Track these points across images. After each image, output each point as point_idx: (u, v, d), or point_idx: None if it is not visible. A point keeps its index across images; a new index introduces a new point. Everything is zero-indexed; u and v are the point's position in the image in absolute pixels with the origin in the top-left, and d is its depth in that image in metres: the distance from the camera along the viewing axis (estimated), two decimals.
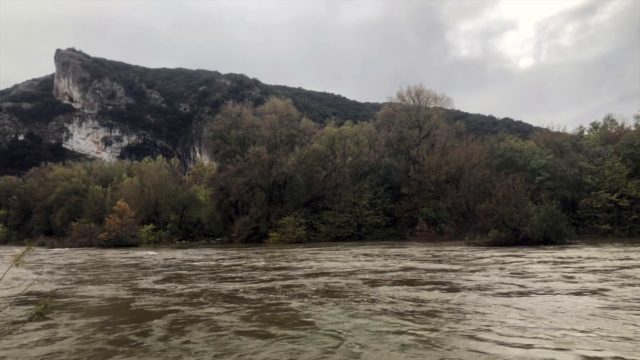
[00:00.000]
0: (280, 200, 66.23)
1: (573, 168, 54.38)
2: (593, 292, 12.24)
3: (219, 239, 73.13)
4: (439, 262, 22.83)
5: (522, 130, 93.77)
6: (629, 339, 7.48)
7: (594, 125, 68.54)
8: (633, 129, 60.28)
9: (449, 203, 53.89)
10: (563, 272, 16.90)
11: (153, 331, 9.02)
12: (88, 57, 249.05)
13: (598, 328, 8.30)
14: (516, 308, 10.30)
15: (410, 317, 9.49)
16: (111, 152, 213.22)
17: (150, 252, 42.81)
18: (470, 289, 13.35)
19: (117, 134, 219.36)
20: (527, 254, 25.72)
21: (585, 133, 67.06)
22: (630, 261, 20.26)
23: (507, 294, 12.25)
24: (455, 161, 58.11)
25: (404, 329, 8.52)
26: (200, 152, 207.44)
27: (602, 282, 14.18)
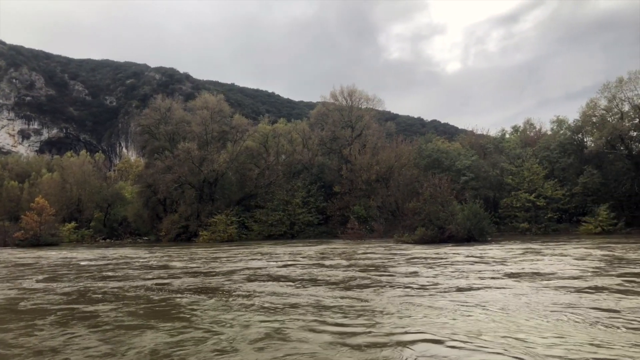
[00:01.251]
0: (211, 198, 65.09)
1: (495, 169, 57.32)
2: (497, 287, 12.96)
3: (146, 238, 70.77)
4: (349, 260, 23.32)
5: (449, 132, 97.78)
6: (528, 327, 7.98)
7: (515, 129, 72.58)
8: (549, 133, 64.45)
9: (379, 202, 55.23)
10: (464, 268, 17.78)
11: (39, 327, 8.95)
12: (4, 43, 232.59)
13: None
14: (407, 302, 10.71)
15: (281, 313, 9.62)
16: (29, 145, 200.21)
17: (54, 253, 40.69)
18: (360, 286, 13.68)
19: (36, 126, 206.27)
20: (425, 250, 26.84)
21: (507, 136, 70.90)
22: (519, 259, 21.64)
23: (405, 289, 12.70)
24: (386, 161, 59.58)
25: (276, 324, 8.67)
26: (127, 148, 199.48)
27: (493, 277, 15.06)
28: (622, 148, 52.22)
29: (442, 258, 22.42)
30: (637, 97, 51.51)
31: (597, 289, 11.70)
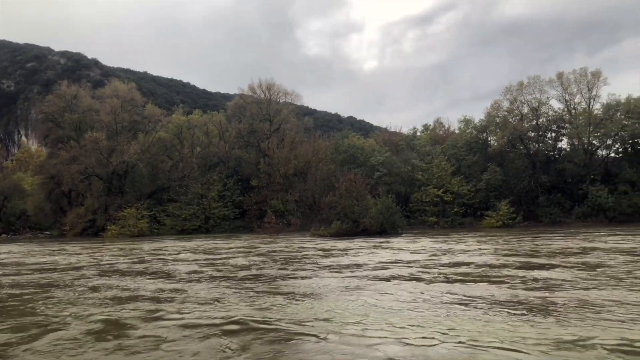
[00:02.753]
0: (120, 191, 62.10)
1: (407, 165, 59.61)
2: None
3: (48, 233, 66.23)
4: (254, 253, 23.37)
5: (364, 128, 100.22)
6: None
7: (426, 128, 75.81)
8: (457, 132, 68.04)
9: (296, 196, 55.54)
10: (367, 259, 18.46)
11: None
12: None
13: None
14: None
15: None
16: None
17: None
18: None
19: None
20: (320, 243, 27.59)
21: (418, 134, 73.92)
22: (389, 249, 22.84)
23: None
24: (304, 155, 59.97)
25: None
26: (26, 136, 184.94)
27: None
28: (521, 147, 56.28)
29: (332, 250, 22.97)
30: (535, 100, 55.77)
31: (437, 281, 12.47)
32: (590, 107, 54.07)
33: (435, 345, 6.19)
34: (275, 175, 60.11)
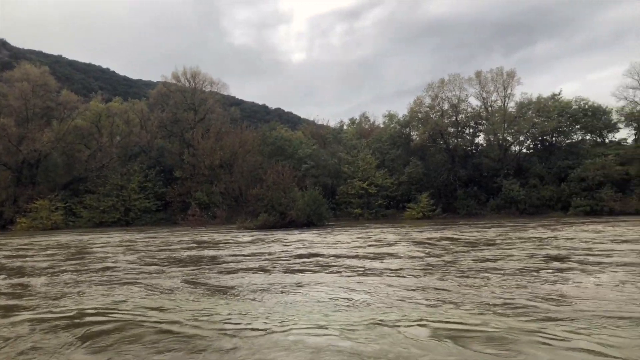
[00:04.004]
0: (32, 182, 58.05)
1: (334, 158, 60.34)
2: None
3: None
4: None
5: (292, 120, 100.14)
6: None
7: (352, 121, 77.11)
8: (382, 126, 69.78)
9: (222, 188, 54.61)
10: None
11: None
12: None
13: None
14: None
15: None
16: None
17: None
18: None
19: None
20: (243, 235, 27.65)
21: (345, 127, 75.03)
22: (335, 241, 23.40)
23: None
24: (230, 146, 58.98)
25: None
26: None
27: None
28: (441, 142, 58.62)
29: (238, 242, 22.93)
30: (455, 97, 58.24)
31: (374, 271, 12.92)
32: (505, 105, 57.30)
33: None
34: (200, 166, 58.72)
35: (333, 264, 13.73)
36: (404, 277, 10.95)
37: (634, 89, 52.38)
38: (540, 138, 56.78)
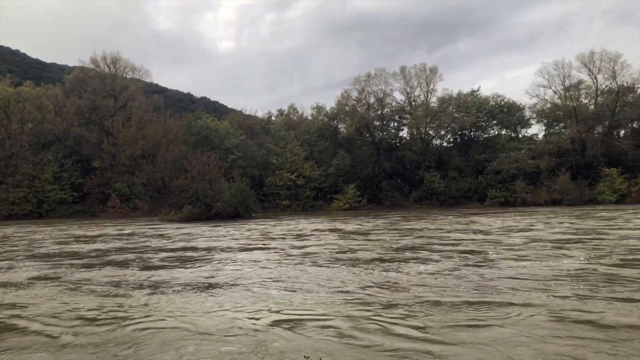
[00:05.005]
0: None
1: (262, 149, 59.89)
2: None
3: None
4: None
5: (219, 110, 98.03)
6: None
7: (280, 112, 76.68)
8: (310, 118, 70.02)
9: (144, 178, 52.61)
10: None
11: None
12: None
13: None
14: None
15: None
16: None
17: None
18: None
19: None
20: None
21: (273, 118, 74.55)
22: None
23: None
24: (153, 136, 56.90)
25: None
26: None
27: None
28: (367, 135, 59.80)
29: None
30: (380, 92, 59.48)
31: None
32: (428, 100, 59.27)
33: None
34: (121, 156, 56.16)
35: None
36: (266, 267, 11.73)
37: (544, 88, 55.93)
38: (459, 132, 59.42)
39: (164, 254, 15.20)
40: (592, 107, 54.45)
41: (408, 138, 61.87)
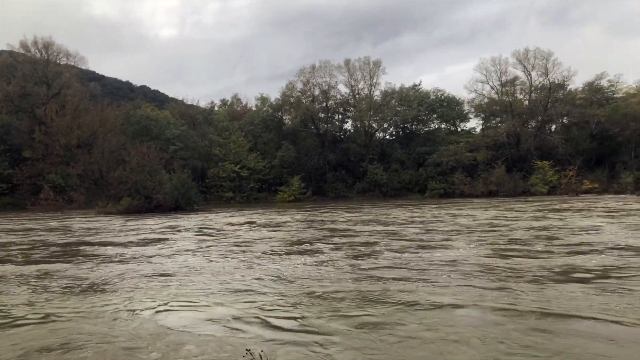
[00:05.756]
0: None
1: (204, 140, 58.77)
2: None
3: None
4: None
5: (159, 99, 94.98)
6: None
7: (224, 103, 75.53)
8: (254, 109, 69.29)
9: (80, 169, 50.40)
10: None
11: None
12: None
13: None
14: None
15: None
16: None
17: None
18: None
19: None
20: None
21: (216, 109, 73.29)
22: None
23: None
24: (89, 125, 54.53)
25: None
26: None
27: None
28: (312, 127, 59.92)
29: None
30: (325, 84, 59.72)
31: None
32: (371, 93, 60.09)
33: None
34: (54, 146, 53.44)
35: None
36: (151, 263, 11.66)
37: (482, 83, 58.03)
38: (402, 125, 60.65)
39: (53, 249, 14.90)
40: (526, 102, 57.02)
41: (352, 130, 62.52)
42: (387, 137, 62.73)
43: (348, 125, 63.54)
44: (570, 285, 7.69)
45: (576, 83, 58.30)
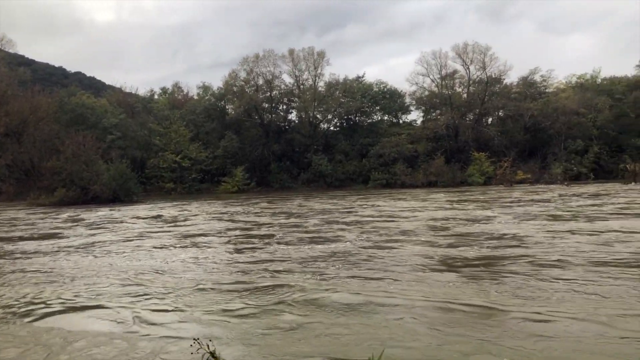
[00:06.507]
0: None
1: (143, 129, 56.96)
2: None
3: None
4: None
5: (95, 86, 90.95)
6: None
7: (164, 91, 73.40)
8: (196, 97, 67.73)
9: (9, 159, 47.55)
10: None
11: None
12: None
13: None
14: None
15: None
16: None
17: None
18: None
19: None
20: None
21: (156, 97, 71.10)
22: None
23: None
24: (18, 113, 51.39)
25: None
26: None
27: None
28: (256, 117, 59.36)
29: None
30: (269, 73, 59.21)
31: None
32: (316, 84, 60.23)
33: None
34: None
35: None
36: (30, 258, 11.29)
37: (423, 76, 59.40)
38: (345, 117, 61.19)
39: None
40: (465, 95, 58.95)
41: (297, 121, 62.41)
42: (332, 128, 63.14)
43: (292, 116, 63.46)
44: (446, 274, 7.96)
45: (511, 77, 61.05)
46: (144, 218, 22.11)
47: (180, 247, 12.29)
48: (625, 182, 38.56)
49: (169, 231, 16.11)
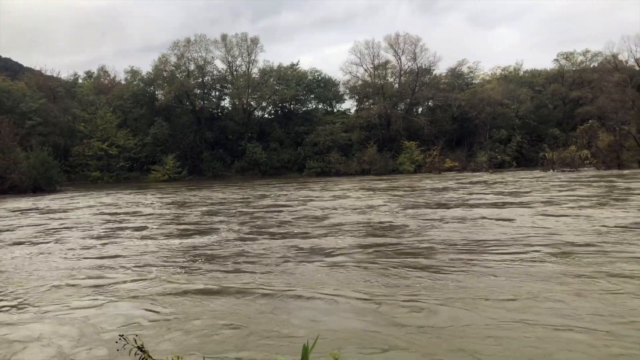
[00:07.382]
0: None
1: (67, 115, 54.07)
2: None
3: None
4: None
5: (12, 69, 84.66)
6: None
7: (89, 75, 69.65)
8: (124, 82, 64.79)
9: None
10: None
11: None
12: None
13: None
14: None
15: None
16: None
17: None
18: None
19: None
20: None
21: (80, 81, 67.43)
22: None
23: None
24: None
25: None
26: None
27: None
28: (187, 103, 57.85)
29: None
30: (201, 59, 57.70)
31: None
32: (250, 70, 59.37)
33: None
34: None
35: None
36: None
37: (357, 65, 59.94)
38: (280, 104, 60.80)
39: None
40: (396, 85, 60.13)
41: (230, 108, 61.36)
42: (266, 115, 62.58)
43: (226, 103, 62.36)
44: (312, 265, 8.05)
45: (441, 68, 63.14)
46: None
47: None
48: (544, 169, 40.88)
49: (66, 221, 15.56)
